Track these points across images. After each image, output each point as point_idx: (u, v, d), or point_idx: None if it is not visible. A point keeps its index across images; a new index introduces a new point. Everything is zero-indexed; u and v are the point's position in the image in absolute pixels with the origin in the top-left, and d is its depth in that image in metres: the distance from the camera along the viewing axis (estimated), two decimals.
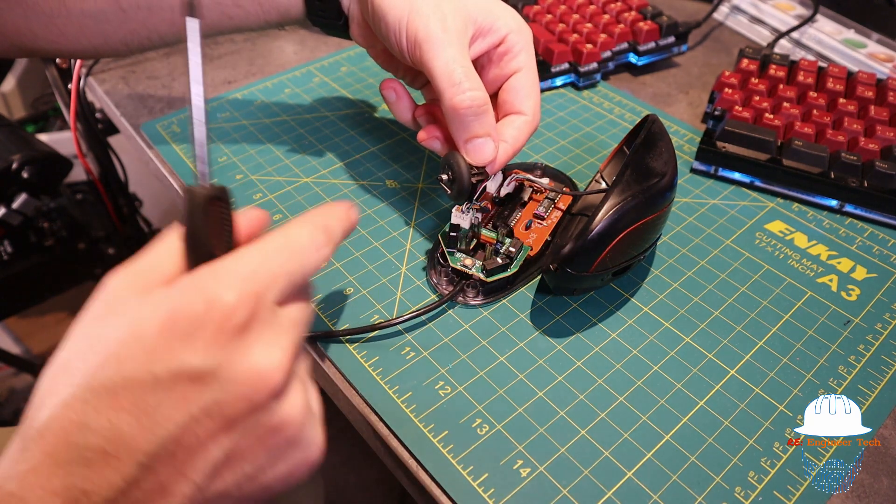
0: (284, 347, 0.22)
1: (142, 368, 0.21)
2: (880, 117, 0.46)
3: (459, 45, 0.33)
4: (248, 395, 0.21)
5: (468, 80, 0.33)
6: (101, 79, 0.54)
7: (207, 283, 0.22)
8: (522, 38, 0.36)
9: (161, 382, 0.21)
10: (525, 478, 0.29)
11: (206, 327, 0.21)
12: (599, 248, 0.33)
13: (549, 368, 0.34)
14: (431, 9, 0.34)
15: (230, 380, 0.21)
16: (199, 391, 0.21)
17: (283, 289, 0.23)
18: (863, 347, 0.35)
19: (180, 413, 0.21)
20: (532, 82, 0.36)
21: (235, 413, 0.21)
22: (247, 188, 0.44)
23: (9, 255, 0.71)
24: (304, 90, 0.53)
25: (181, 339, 0.21)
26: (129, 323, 0.21)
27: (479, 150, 0.34)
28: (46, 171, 0.65)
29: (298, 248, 0.24)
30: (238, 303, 0.21)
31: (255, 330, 0.22)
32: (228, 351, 0.21)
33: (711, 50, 0.61)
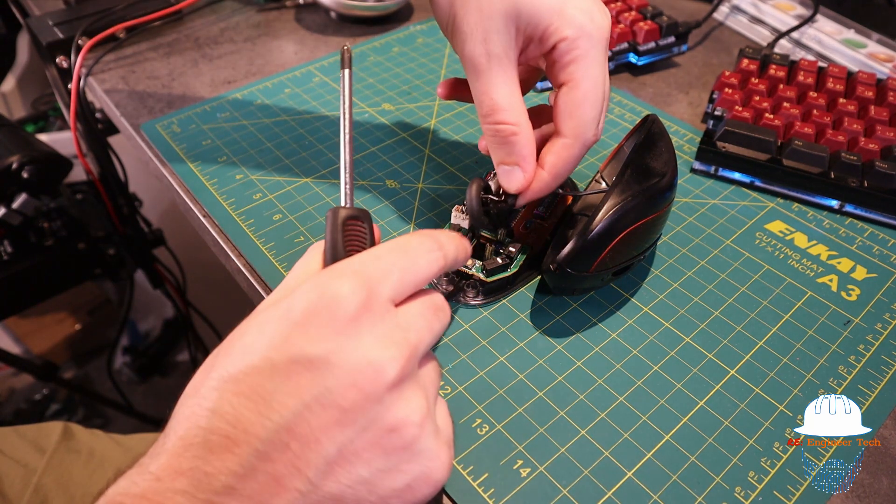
0: (398, 342, 0.23)
1: (261, 357, 0.22)
2: (880, 117, 0.46)
3: (499, 71, 0.31)
4: (359, 384, 0.22)
5: (496, 112, 0.31)
6: (101, 79, 0.54)
7: (323, 278, 0.23)
8: (578, 45, 0.30)
9: (277, 369, 0.22)
10: (525, 478, 0.29)
11: (319, 316, 0.22)
12: (599, 248, 0.33)
13: (549, 368, 0.34)
14: (474, 23, 0.30)
15: (341, 367, 0.22)
16: (312, 378, 0.22)
17: (395, 285, 0.24)
18: (863, 347, 0.35)
19: (293, 400, 0.21)
20: (578, 99, 0.31)
21: (347, 403, 0.21)
22: (247, 188, 0.44)
23: (9, 255, 0.71)
24: (304, 90, 0.53)
25: (297, 327, 0.22)
26: (259, 322, 0.23)
27: (505, 177, 0.33)
28: (46, 171, 0.65)
29: (408, 248, 0.25)
30: (350, 293, 0.22)
31: (367, 321, 0.23)
32: (341, 340, 0.22)
33: (711, 50, 0.61)
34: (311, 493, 0.21)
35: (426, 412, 0.23)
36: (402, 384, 0.23)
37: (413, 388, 0.23)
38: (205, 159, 0.46)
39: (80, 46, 0.55)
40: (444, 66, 0.57)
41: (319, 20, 0.63)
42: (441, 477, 0.23)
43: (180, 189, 0.44)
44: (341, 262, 0.24)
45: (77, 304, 1.21)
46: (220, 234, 0.41)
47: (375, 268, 0.24)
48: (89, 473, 0.47)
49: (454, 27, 0.31)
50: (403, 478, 0.23)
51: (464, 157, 0.47)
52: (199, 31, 0.61)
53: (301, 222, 0.41)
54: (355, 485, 0.22)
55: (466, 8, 0.30)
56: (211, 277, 0.95)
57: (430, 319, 0.25)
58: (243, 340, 0.23)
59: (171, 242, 0.83)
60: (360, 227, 0.28)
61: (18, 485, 0.44)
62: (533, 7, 0.30)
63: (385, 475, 0.22)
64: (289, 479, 0.21)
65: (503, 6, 0.30)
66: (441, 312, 0.26)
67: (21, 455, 0.46)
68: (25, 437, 0.48)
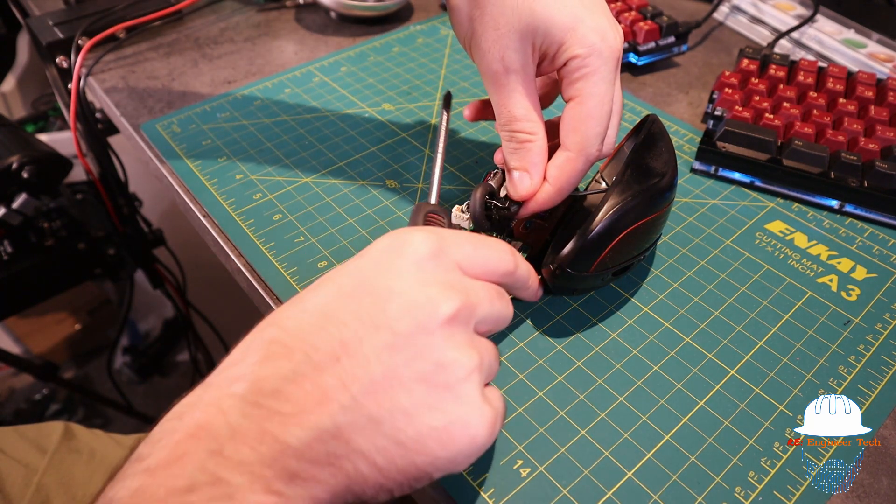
0: (458, 291, 0.25)
1: (332, 283, 0.25)
2: (880, 117, 0.46)
3: (517, 84, 0.32)
4: (414, 313, 0.23)
5: (513, 122, 0.33)
6: (101, 79, 0.54)
7: (400, 230, 0.26)
8: (588, 63, 0.31)
9: (343, 292, 0.24)
10: (525, 478, 0.29)
11: (391, 255, 0.25)
12: (599, 248, 0.33)
13: (549, 368, 0.34)
14: (492, 40, 0.31)
15: (401, 296, 0.24)
16: (372, 302, 0.24)
17: (464, 254, 0.26)
18: (863, 347, 0.35)
19: (351, 317, 0.23)
20: (583, 115, 0.32)
21: (400, 328, 0.23)
22: (247, 188, 0.44)
23: (9, 255, 0.71)
24: (304, 90, 0.53)
25: (369, 262, 0.25)
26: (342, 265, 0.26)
27: (514, 182, 0.34)
28: (46, 171, 0.65)
29: (484, 238, 0.28)
30: (421, 241, 0.25)
31: (432, 267, 0.25)
32: (405, 275, 0.24)
33: (711, 50, 0.61)
34: (352, 409, 0.22)
35: (476, 366, 0.24)
36: (454, 327, 0.24)
37: (465, 337, 0.24)
38: (205, 159, 0.46)
39: (80, 46, 0.55)
40: (444, 66, 0.57)
41: (319, 20, 0.63)
42: (479, 432, 0.23)
43: (180, 189, 0.44)
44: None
45: (77, 304, 1.21)
46: (220, 234, 0.41)
47: (451, 234, 0.27)
48: (90, 473, 0.47)
49: (473, 43, 0.33)
50: (442, 418, 0.23)
51: (464, 157, 0.47)
52: (199, 31, 0.61)
53: (301, 222, 0.41)
54: (395, 412, 0.22)
55: (485, 26, 0.32)
56: (211, 277, 0.95)
57: (492, 295, 0.26)
58: (321, 279, 0.26)
59: (171, 242, 0.83)
60: (440, 220, 0.34)
61: (20, 484, 0.44)
62: (547, 25, 0.31)
63: (425, 410, 0.23)
64: (333, 391, 0.22)
65: (519, 24, 0.31)
66: (504, 299, 0.28)
67: (22, 455, 0.46)
68: (26, 437, 0.48)
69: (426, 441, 0.23)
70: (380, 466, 0.22)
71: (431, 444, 0.23)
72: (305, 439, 0.21)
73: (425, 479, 0.23)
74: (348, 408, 0.22)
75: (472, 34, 0.33)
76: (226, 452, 0.21)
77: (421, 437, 0.23)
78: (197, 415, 0.22)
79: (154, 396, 1.17)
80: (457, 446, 0.23)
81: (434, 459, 0.23)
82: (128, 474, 0.21)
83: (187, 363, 1.12)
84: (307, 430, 0.21)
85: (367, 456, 0.22)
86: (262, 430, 0.21)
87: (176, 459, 0.21)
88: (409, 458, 0.22)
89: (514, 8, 0.31)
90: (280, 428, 0.21)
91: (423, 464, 0.23)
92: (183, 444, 0.21)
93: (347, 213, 0.42)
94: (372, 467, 0.22)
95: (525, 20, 0.31)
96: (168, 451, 0.21)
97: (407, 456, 0.22)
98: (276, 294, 0.37)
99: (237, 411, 0.22)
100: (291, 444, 0.21)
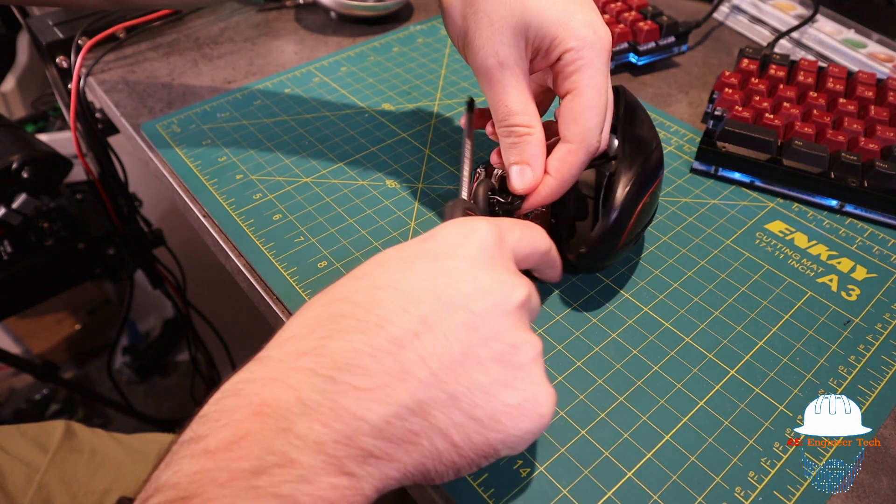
0: (523, 279, 0.26)
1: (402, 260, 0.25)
2: (880, 117, 0.46)
3: (512, 79, 0.33)
4: (492, 295, 0.24)
5: (510, 116, 0.33)
6: (101, 79, 0.54)
7: (458, 221, 0.27)
8: (582, 55, 0.32)
9: (416, 271, 0.24)
10: (525, 478, 0.29)
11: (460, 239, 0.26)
12: (625, 222, 0.34)
13: (549, 368, 0.34)
14: (485, 37, 0.32)
15: (478, 278, 0.24)
16: (450, 283, 0.24)
17: (517, 239, 0.28)
18: (863, 347, 0.35)
19: (429, 295, 0.23)
20: (581, 106, 0.32)
21: (478, 308, 0.23)
22: (247, 188, 0.44)
23: (9, 255, 0.71)
24: (304, 90, 0.53)
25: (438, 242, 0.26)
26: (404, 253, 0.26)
27: (516, 176, 0.34)
28: (46, 171, 0.65)
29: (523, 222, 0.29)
30: (487, 230, 0.26)
31: (501, 256, 0.26)
32: (479, 261, 0.25)
33: (711, 50, 0.61)
34: (433, 385, 0.22)
35: (541, 349, 0.25)
36: (522, 311, 0.25)
37: (528, 322, 0.26)
38: (205, 159, 0.46)
39: (80, 46, 0.55)
40: (444, 66, 0.57)
41: (319, 20, 0.63)
42: (547, 410, 0.24)
43: (180, 189, 0.44)
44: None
45: (77, 304, 1.21)
46: (220, 234, 0.41)
47: (503, 221, 0.28)
48: (92, 472, 0.47)
49: (466, 41, 0.33)
50: (516, 395, 0.23)
51: None
52: (199, 31, 0.61)
53: (301, 222, 0.41)
54: (473, 389, 0.22)
55: (478, 24, 0.32)
56: (211, 277, 0.95)
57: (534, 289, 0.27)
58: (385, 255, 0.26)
59: (171, 242, 0.83)
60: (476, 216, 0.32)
61: (22, 483, 0.44)
62: (540, 20, 0.31)
63: (501, 388, 0.23)
64: (413, 366, 0.22)
65: (512, 20, 0.32)
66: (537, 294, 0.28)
67: (24, 453, 0.46)
68: (28, 436, 0.48)
69: (501, 417, 0.23)
70: (456, 443, 0.22)
71: (505, 421, 0.23)
72: (385, 415, 0.21)
73: (493, 457, 0.24)
74: (429, 384, 0.22)
75: (465, 32, 0.33)
76: (297, 430, 0.20)
77: (497, 413, 0.23)
78: (261, 391, 0.21)
79: (154, 396, 1.17)
80: (528, 424, 0.23)
81: (507, 436, 0.23)
82: (182, 455, 0.20)
83: (187, 363, 1.12)
84: (387, 405, 0.21)
85: (446, 432, 0.22)
86: (337, 406, 0.20)
87: (239, 439, 0.19)
88: (484, 434, 0.23)
89: (506, 4, 0.31)
90: (357, 403, 0.21)
91: (496, 441, 0.23)
92: (246, 422, 0.20)
93: (347, 213, 0.42)
94: (448, 443, 0.22)
95: (518, 16, 0.31)
96: (230, 429, 0.20)
97: (482, 432, 0.23)
98: (276, 294, 0.37)
99: (308, 386, 0.21)
100: (371, 420, 0.21)
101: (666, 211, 0.43)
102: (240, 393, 0.21)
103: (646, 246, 0.41)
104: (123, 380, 1.16)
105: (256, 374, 0.22)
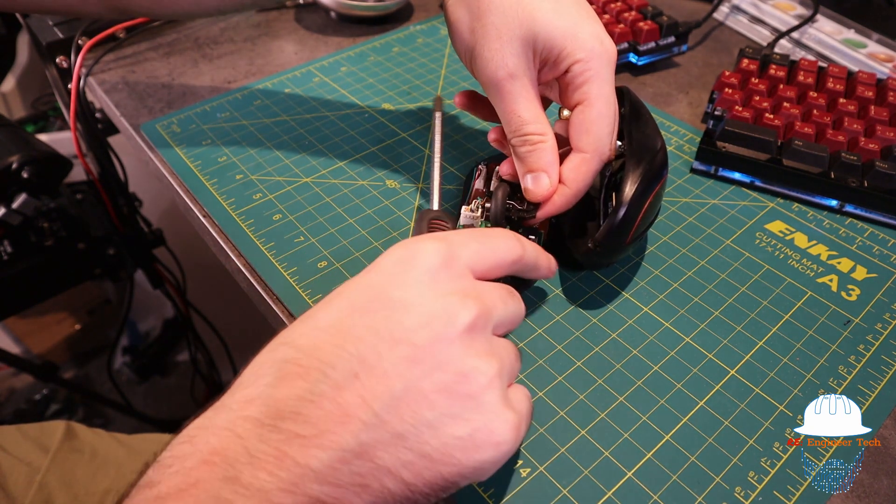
0: (472, 297, 0.24)
1: (344, 298, 0.25)
2: (880, 117, 0.46)
3: (522, 89, 0.33)
4: (433, 325, 0.23)
5: (524, 126, 0.33)
6: (101, 79, 0.54)
7: (408, 240, 0.26)
8: (590, 66, 0.32)
9: (357, 308, 0.24)
10: (525, 478, 0.29)
11: (404, 266, 0.25)
12: (633, 219, 0.34)
13: (549, 368, 0.34)
14: (495, 49, 0.32)
15: (418, 308, 0.23)
16: (388, 315, 0.23)
17: (473, 254, 0.26)
18: (863, 347, 0.35)
19: (368, 332, 0.23)
20: (593, 115, 0.33)
21: (419, 340, 0.23)
22: (247, 188, 0.44)
23: (9, 255, 0.71)
24: (304, 90, 0.53)
25: (382, 275, 0.25)
26: (352, 280, 0.26)
27: (533, 183, 0.34)
28: (46, 171, 0.65)
29: (487, 231, 0.28)
30: (433, 250, 0.25)
31: (446, 276, 0.25)
32: (420, 287, 0.24)
33: (711, 50, 0.61)
34: (376, 426, 0.22)
35: (496, 373, 0.24)
36: (473, 335, 0.24)
37: (484, 345, 0.24)
38: (205, 159, 0.46)
39: (79, 46, 0.55)
40: (444, 66, 0.57)
41: (319, 20, 0.63)
42: (504, 438, 0.23)
43: (180, 189, 0.44)
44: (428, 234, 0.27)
45: (77, 304, 1.21)
46: (220, 234, 0.41)
47: (456, 236, 0.27)
48: (92, 472, 0.47)
49: (475, 54, 0.33)
50: (466, 427, 0.23)
51: (464, 157, 0.47)
52: (199, 31, 0.61)
53: (301, 222, 0.41)
54: (419, 425, 0.22)
55: (487, 37, 0.32)
56: (211, 277, 0.95)
57: (504, 296, 0.26)
58: (331, 294, 0.25)
59: (171, 242, 0.83)
60: (445, 226, 0.34)
61: (22, 483, 0.44)
62: (548, 32, 0.32)
63: (449, 420, 0.22)
64: (354, 408, 0.22)
65: (521, 31, 0.32)
66: (515, 297, 0.27)
67: (24, 453, 0.46)
68: (28, 436, 0.48)
69: (452, 452, 0.22)
70: (407, 481, 0.22)
71: (457, 455, 0.22)
72: (328, 461, 0.21)
73: (452, 489, 0.23)
74: (371, 425, 0.21)
75: (473, 46, 0.33)
76: (243, 479, 0.20)
77: (446, 448, 0.22)
78: (211, 439, 0.21)
79: (154, 396, 1.17)
80: (483, 455, 0.23)
81: (461, 469, 0.23)
82: (136, 502, 0.20)
83: (187, 363, 1.12)
84: (329, 451, 0.21)
85: (394, 472, 0.22)
86: (281, 454, 0.21)
87: (189, 486, 0.20)
88: (436, 469, 0.22)
89: (515, 17, 0.32)
90: (300, 451, 0.21)
91: (450, 474, 0.23)
92: (196, 471, 0.20)
93: (347, 213, 0.42)
94: (399, 483, 0.22)
95: (526, 27, 0.32)
96: (181, 477, 0.20)
97: (433, 468, 0.22)
98: (276, 294, 0.37)
99: (254, 435, 0.21)
100: (313, 466, 0.21)
101: (666, 211, 0.43)
102: (192, 440, 0.21)
103: (646, 246, 0.41)
104: (123, 380, 1.16)
105: (210, 421, 0.22)
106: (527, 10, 0.32)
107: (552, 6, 0.32)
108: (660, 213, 0.43)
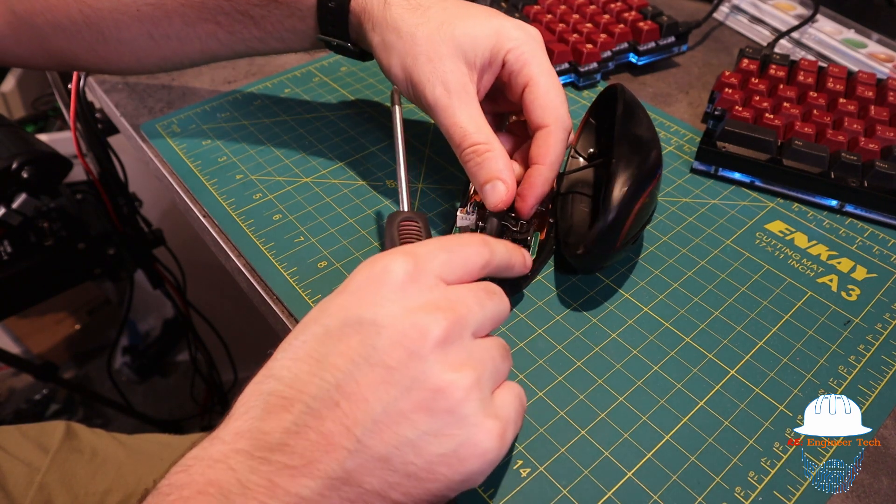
0: (443, 309, 0.24)
1: (319, 325, 0.24)
2: (880, 117, 0.46)
3: (462, 103, 0.34)
4: (404, 343, 0.23)
5: (467, 137, 0.34)
6: (101, 79, 0.54)
7: (376, 257, 0.26)
8: (523, 50, 0.35)
9: (330, 334, 0.24)
10: (525, 478, 0.29)
11: (371, 285, 0.25)
12: (622, 223, 0.34)
13: (549, 368, 0.34)
14: (429, 72, 0.34)
15: (388, 328, 0.23)
16: (361, 340, 0.23)
17: (442, 264, 0.26)
18: (863, 347, 0.35)
19: (343, 359, 0.23)
20: (544, 90, 0.35)
21: (392, 361, 0.23)
22: (247, 188, 0.44)
23: (9, 255, 0.71)
24: (304, 90, 0.53)
25: (351, 296, 0.25)
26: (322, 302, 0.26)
27: (489, 193, 0.34)
28: (46, 171, 0.65)
29: (455, 239, 0.28)
30: (399, 265, 0.25)
31: (414, 290, 0.25)
32: (389, 305, 0.24)
33: (711, 50, 0.61)
34: (359, 452, 0.22)
35: (474, 381, 0.23)
36: (446, 347, 0.24)
37: (460, 355, 0.24)
38: (205, 159, 0.46)
39: None
40: None
41: None
42: (489, 447, 0.23)
43: (180, 189, 0.44)
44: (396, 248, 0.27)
45: (77, 304, 1.21)
46: (220, 234, 0.41)
47: (423, 249, 0.26)
48: (92, 472, 0.47)
49: (413, 84, 0.35)
50: (449, 443, 0.23)
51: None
52: None
53: (301, 222, 0.41)
54: (401, 446, 0.22)
55: (418, 64, 0.35)
56: (211, 277, 0.95)
57: (480, 297, 0.26)
58: (306, 318, 0.25)
59: (171, 242, 0.83)
60: (415, 226, 0.34)
61: (23, 483, 0.44)
62: (473, 40, 0.35)
63: (431, 438, 0.23)
64: (338, 437, 0.22)
65: (448, 49, 0.34)
66: (494, 296, 0.27)
67: (25, 454, 0.46)
68: (28, 436, 0.48)
69: (437, 469, 0.23)
70: (396, 501, 0.22)
71: (443, 470, 0.23)
72: (317, 489, 0.21)
73: (444, 500, 0.23)
74: (355, 451, 0.22)
75: (410, 77, 0.35)
76: None
77: (431, 465, 0.22)
78: (206, 471, 0.22)
79: (154, 396, 1.18)
80: (469, 467, 0.23)
81: (448, 483, 0.23)
82: None
83: (187, 363, 1.12)
84: (317, 479, 0.22)
85: (382, 494, 0.22)
86: (272, 485, 0.21)
87: None
88: (424, 487, 0.23)
89: (439, 40, 0.35)
90: (290, 481, 0.21)
91: (438, 489, 0.23)
92: (193, 501, 0.21)
93: (347, 213, 0.42)
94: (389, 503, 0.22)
95: (450, 45, 0.34)
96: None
97: (421, 486, 0.22)
98: (276, 294, 0.37)
99: (246, 468, 0.22)
100: (303, 495, 0.21)
101: (666, 211, 0.43)
102: (188, 470, 0.22)
103: (646, 246, 0.41)
104: (123, 380, 1.16)
105: (206, 452, 0.23)
106: (447, 30, 0.35)
107: (468, 19, 0.35)
108: (660, 213, 0.43)
